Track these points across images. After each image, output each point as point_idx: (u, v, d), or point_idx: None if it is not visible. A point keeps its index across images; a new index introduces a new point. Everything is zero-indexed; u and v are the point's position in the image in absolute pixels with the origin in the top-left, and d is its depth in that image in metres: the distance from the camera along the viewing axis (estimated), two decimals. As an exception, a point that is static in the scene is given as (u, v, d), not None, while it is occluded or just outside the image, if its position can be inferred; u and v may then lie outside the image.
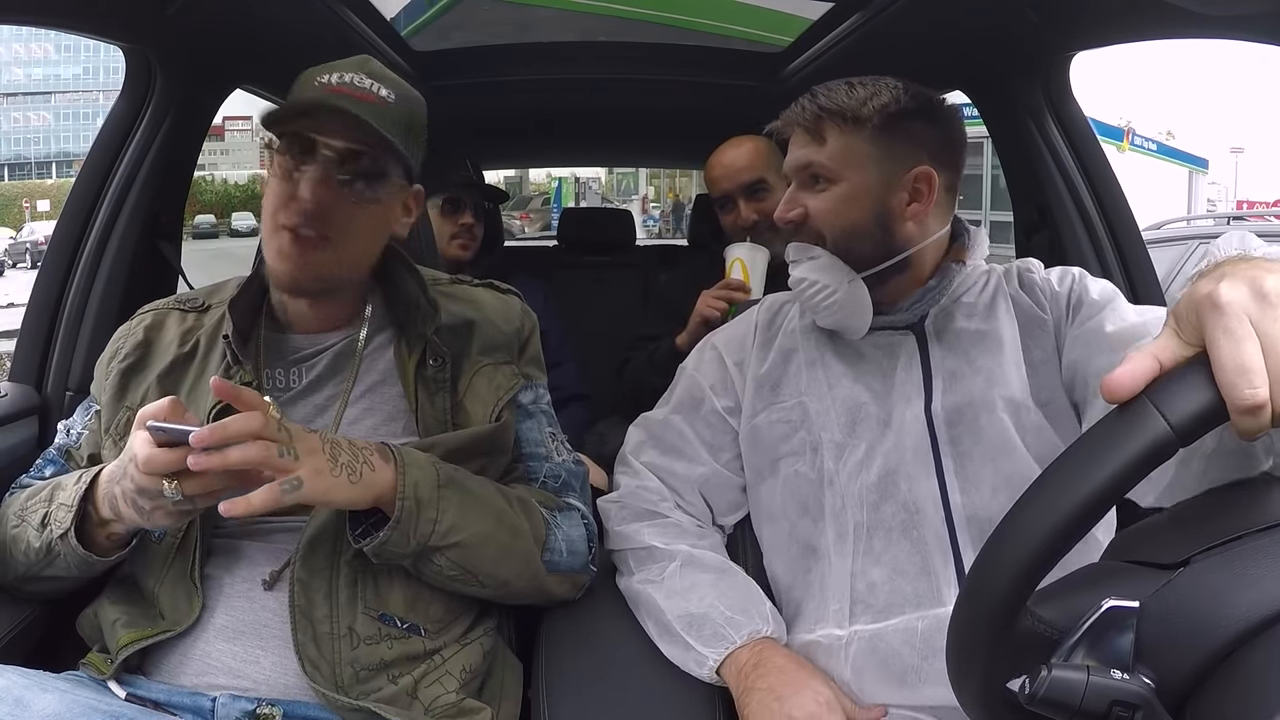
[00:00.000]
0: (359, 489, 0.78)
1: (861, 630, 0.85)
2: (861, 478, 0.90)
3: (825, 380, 0.96)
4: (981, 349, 0.92)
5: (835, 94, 0.92)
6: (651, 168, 20.20)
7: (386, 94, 0.87)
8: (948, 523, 0.87)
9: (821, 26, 1.56)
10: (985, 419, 0.88)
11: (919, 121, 0.92)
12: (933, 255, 0.96)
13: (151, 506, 0.75)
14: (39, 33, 30.83)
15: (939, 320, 0.95)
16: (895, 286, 0.95)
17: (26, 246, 20.45)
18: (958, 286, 0.96)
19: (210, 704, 0.79)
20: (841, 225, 0.92)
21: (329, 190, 0.84)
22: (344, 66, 0.87)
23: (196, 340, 0.94)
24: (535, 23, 1.92)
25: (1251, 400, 0.40)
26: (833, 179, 0.92)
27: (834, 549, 0.90)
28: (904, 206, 0.92)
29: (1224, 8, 0.91)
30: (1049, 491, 0.44)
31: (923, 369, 0.93)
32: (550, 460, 0.99)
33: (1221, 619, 0.41)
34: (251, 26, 1.28)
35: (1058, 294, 0.94)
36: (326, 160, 0.84)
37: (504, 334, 0.99)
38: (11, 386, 1.25)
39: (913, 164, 0.91)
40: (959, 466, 0.88)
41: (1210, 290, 0.43)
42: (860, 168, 0.91)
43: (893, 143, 0.91)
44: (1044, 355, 0.91)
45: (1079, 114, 1.41)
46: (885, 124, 0.90)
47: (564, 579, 0.94)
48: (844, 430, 0.93)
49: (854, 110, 0.91)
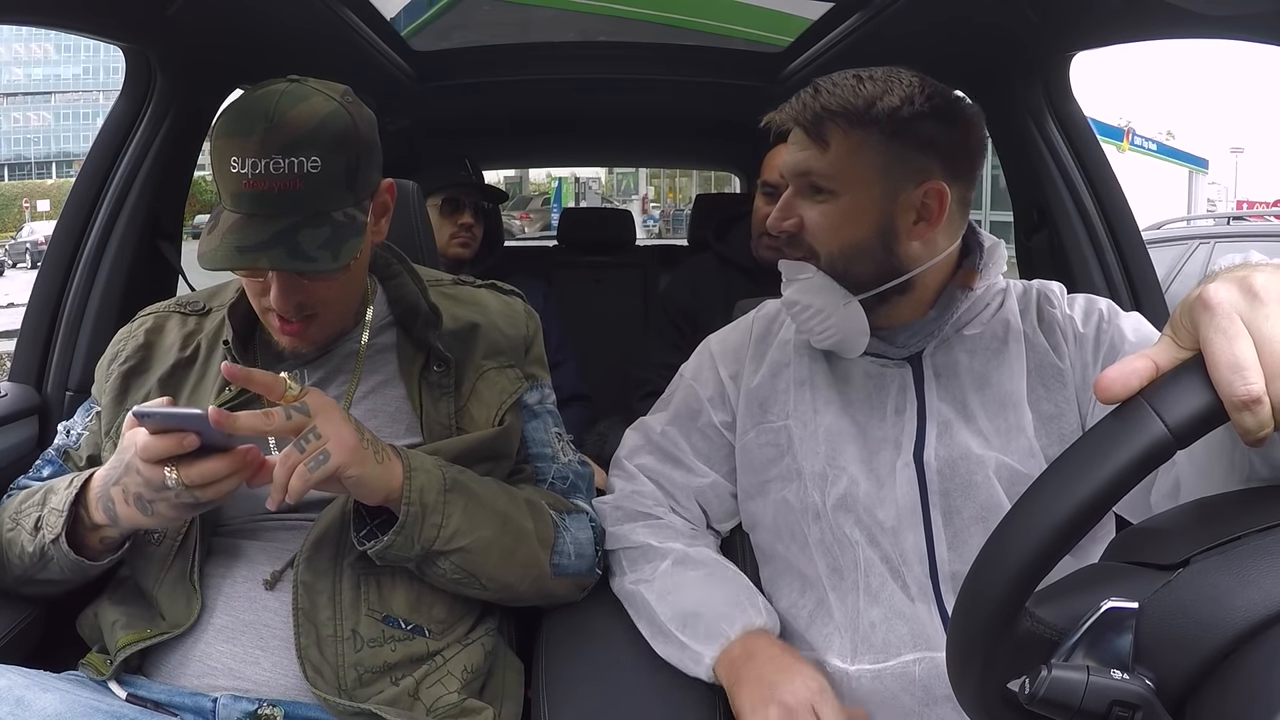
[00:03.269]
0: (381, 470, 0.78)
1: (865, 670, 0.83)
2: (845, 516, 0.86)
3: (811, 404, 0.91)
4: (982, 399, 0.86)
5: (841, 90, 0.82)
6: (651, 168, 20.21)
7: (306, 160, 0.76)
8: (932, 577, 0.83)
9: (821, 26, 1.56)
10: (979, 477, 0.83)
11: (934, 125, 0.81)
12: (938, 275, 0.87)
13: (156, 499, 0.74)
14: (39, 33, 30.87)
15: (939, 354, 0.88)
16: (895, 308, 0.87)
17: (26, 246, 20.44)
18: (962, 315, 0.88)
19: (211, 704, 0.79)
20: (840, 244, 0.84)
21: (298, 290, 0.83)
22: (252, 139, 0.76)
23: (197, 344, 0.94)
24: (535, 23, 1.93)
25: (1246, 394, 0.40)
26: (833, 190, 0.83)
27: (828, 582, 0.87)
28: (910, 226, 0.83)
29: (1224, 8, 0.91)
30: (1047, 493, 0.44)
31: (917, 408, 0.87)
32: (557, 461, 0.99)
33: (1221, 619, 0.41)
34: (252, 26, 1.28)
35: (1083, 336, 0.86)
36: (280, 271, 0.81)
37: (508, 337, 0.99)
38: (11, 386, 1.25)
39: (923, 178, 0.82)
40: (947, 522, 0.84)
41: (1200, 292, 0.43)
42: (864, 181, 0.82)
43: (903, 151, 0.81)
44: (1055, 409, 0.85)
45: (1079, 114, 1.41)
46: (896, 129, 0.80)
47: (569, 581, 0.94)
48: (825, 460, 0.88)
49: (860, 111, 0.81)
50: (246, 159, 0.76)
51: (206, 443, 0.73)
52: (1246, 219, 5.96)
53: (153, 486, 0.73)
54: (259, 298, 0.85)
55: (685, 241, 2.75)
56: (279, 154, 0.76)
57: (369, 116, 0.84)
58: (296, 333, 0.86)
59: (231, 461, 0.73)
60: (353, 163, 0.80)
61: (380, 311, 0.96)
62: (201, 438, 0.72)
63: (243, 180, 0.76)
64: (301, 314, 0.84)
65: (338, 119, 0.79)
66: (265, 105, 0.78)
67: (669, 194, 27.63)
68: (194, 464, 0.72)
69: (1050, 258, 1.45)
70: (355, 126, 0.81)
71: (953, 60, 1.46)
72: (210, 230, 0.79)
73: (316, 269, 0.78)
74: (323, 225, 0.78)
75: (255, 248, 0.76)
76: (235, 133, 0.78)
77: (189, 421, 0.71)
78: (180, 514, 0.77)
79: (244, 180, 0.76)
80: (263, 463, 0.75)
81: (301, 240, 0.77)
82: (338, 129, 0.79)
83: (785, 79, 1.82)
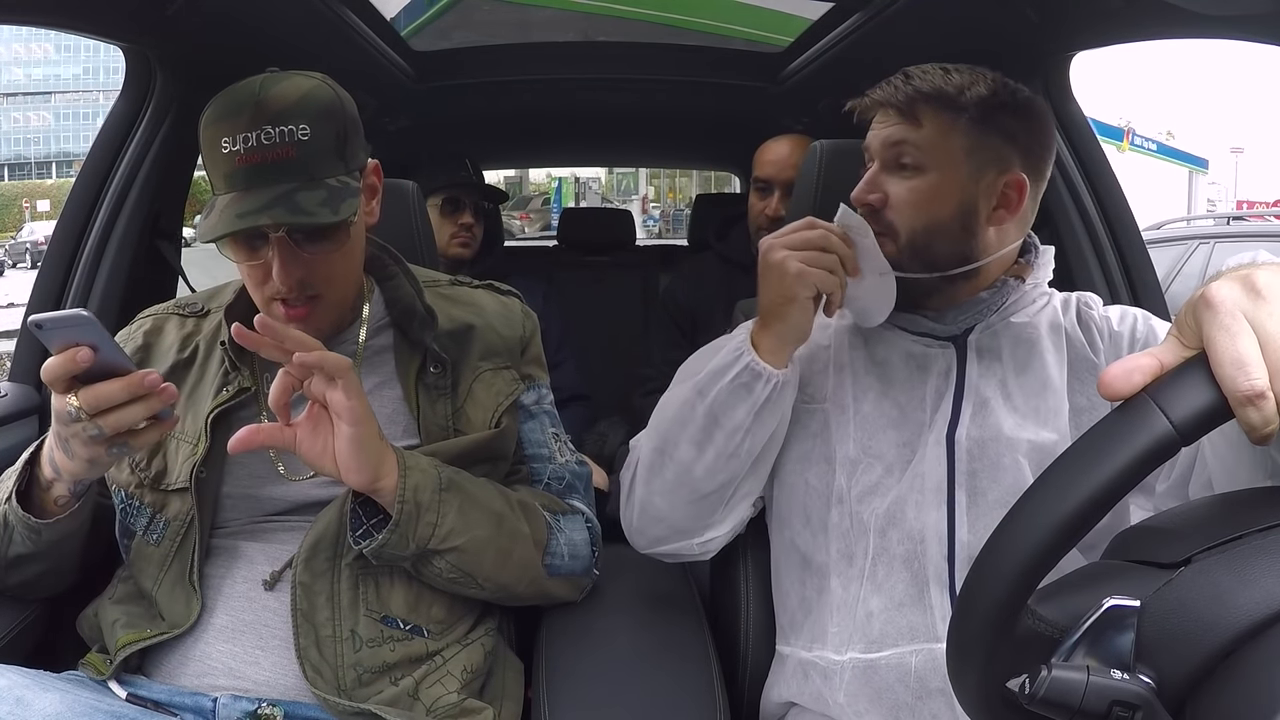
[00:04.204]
0: (380, 446, 0.79)
1: (856, 659, 0.83)
2: (872, 502, 0.86)
3: (851, 391, 0.91)
4: (1021, 381, 0.87)
5: (931, 76, 0.85)
6: (651, 168, 20.20)
7: (296, 129, 0.79)
8: (949, 559, 0.83)
9: (821, 26, 1.56)
10: (1008, 459, 0.84)
11: (1014, 119, 0.85)
12: (999, 267, 0.90)
13: (68, 435, 0.73)
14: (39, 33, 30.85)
15: (984, 337, 0.89)
16: (949, 295, 0.89)
17: (26, 246, 20.44)
18: (1012, 304, 0.90)
19: (211, 704, 0.79)
20: (925, 220, 0.84)
21: (299, 264, 0.82)
22: (240, 117, 0.78)
23: (195, 345, 0.93)
24: (535, 23, 1.93)
25: (1250, 389, 0.40)
26: (922, 166, 0.84)
27: (834, 569, 0.87)
28: (990, 211, 0.85)
29: (1224, 8, 0.91)
30: (1051, 489, 0.44)
31: (956, 388, 0.88)
32: (554, 461, 0.99)
33: (1223, 618, 0.41)
34: (252, 26, 1.28)
35: (1117, 334, 0.89)
36: (281, 241, 0.81)
37: (504, 338, 0.98)
38: (11, 386, 1.25)
39: (1006, 166, 0.85)
40: (971, 502, 0.84)
41: (1204, 290, 0.44)
42: (953, 161, 0.84)
43: (989, 139, 0.84)
44: (1088, 402, 0.86)
45: (1079, 114, 1.41)
46: (983, 116, 0.83)
47: (565, 582, 0.94)
48: (860, 447, 0.88)
49: (953, 96, 0.83)
50: (237, 135, 0.78)
51: (106, 366, 0.70)
52: (1246, 219, 5.96)
53: (61, 418, 0.72)
54: (260, 287, 0.85)
55: (685, 241, 2.75)
56: (269, 124, 0.78)
57: (349, 97, 0.86)
58: (302, 317, 0.85)
59: (128, 385, 0.70)
60: (341, 134, 0.83)
61: (377, 312, 0.96)
62: (98, 354, 0.69)
63: (235, 158, 0.78)
64: (305, 294, 0.84)
65: (321, 92, 0.82)
66: (250, 88, 0.80)
67: (669, 194, 27.62)
68: (92, 387, 0.70)
69: (1050, 257, 1.45)
70: (339, 100, 0.84)
71: (953, 60, 1.45)
72: (207, 215, 0.80)
73: (316, 221, 0.79)
74: (318, 189, 0.80)
75: (254, 211, 0.77)
76: (224, 117, 0.79)
77: (82, 328, 0.68)
78: (94, 453, 0.73)
79: (237, 157, 0.78)
80: (165, 389, 0.72)
81: (300, 200, 0.78)
82: (323, 100, 0.82)
83: (785, 79, 1.82)
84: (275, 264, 0.81)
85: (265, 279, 0.83)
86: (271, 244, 0.81)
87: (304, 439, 0.76)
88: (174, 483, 0.86)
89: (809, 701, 0.87)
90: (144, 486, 0.87)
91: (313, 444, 0.77)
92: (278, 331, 0.72)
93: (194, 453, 0.85)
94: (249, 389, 0.88)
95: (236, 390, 0.87)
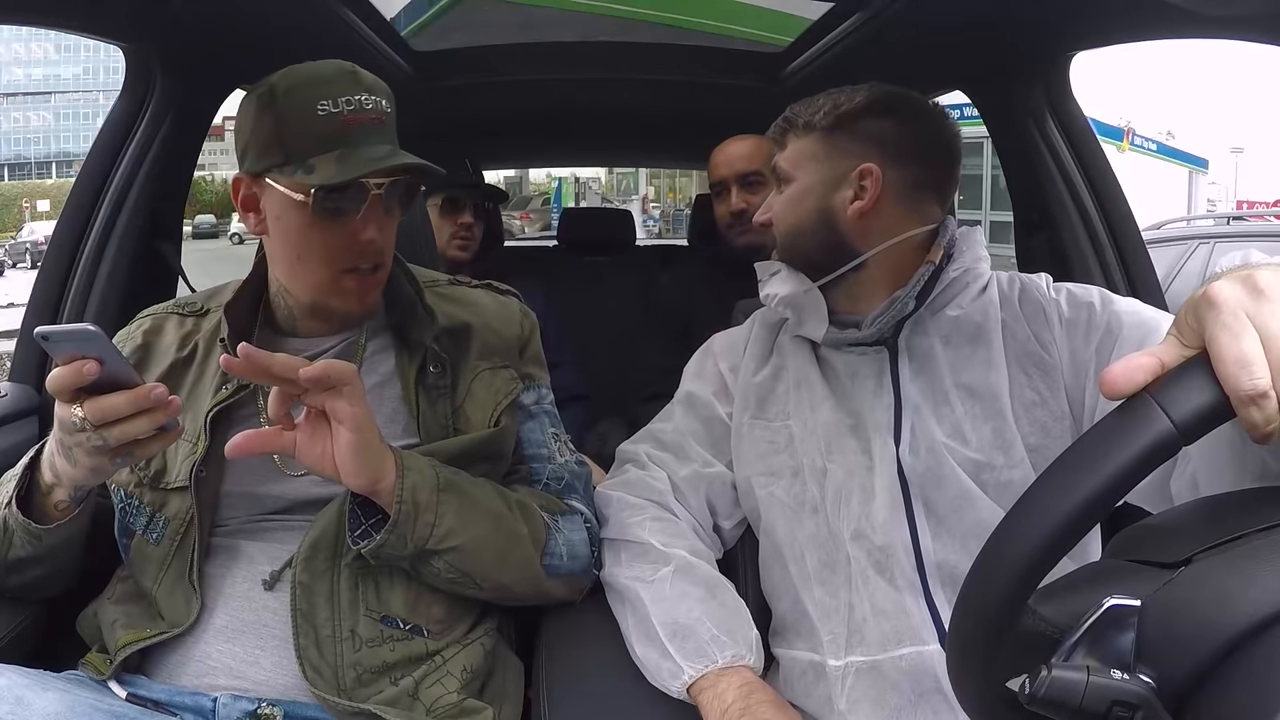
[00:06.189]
0: (380, 449, 0.79)
1: (856, 663, 0.83)
2: (843, 510, 0.88)
3: (809, 402, 0.94)
4: (956, 386, 0.88)
5: (800, 107, 0.96)
6: (651, 168, 20.21)
7: (383, 100, 0.85)
8: (918, 569, 0.84)
9: (821, 26, 1.56)
10: (946, 468, 0.85)
11: (871, 119, 0.92)
12: (900, 260, 0.92)
13: (72, 443, 0.73)
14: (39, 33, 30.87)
15: (913, 336, 0.91)
16: (857, 295, 0.93)
17: (26, 246, 20.45)
18: (938, 296, 0.91)
19: (211, 704, 0.79)
20: (789, 224, 0.95)
21: (390, 224, 0.87)
22: (337, 83, 0.82)
23: (195, 344, 0.93)
24: (535, 23, 1.93)
25: (1252, 389, 0.40)
26: (787, 179, 0.96)
27: (816, 577, 0.88)
28: (847, 204, 0.91)
29: (1224, 8, 0.91)
30: (1051, 489, 0.44)
31: (894, 393, 0.90)
32: (553, 461, 0.99)
33: (1223, 618, 0.41)
34: (252, 26, 1.28)
35: (1070, 321, 0.88)
36: (377, 198, 0.83)
37: (502, 337, 0.98)
38: (11, 386, 1.25)
39: (858, 162, 0.91)
40: (928, 511, 0.85)
41: (1205, 290, 0.44)
42: (806, 168, 0.94)
43: (839, 142, 0.92)
44: (1036, 396, 0.86)
45: (1079, 114, 1.42)
46: (834, 125, 0.93)
47: (564, 582, 0.94)
48: (824, 455, 0.91)
49: (808, 117, 0.94)
50: (339, 98, 0.81)
51: (112, 378, 0.70)
52: (1246, 219, 5.97)
53: (65, 427, 0.72)
54: (336, 258, 0.85)
55: (685, 241, 2.75)
56: (365, 92, 0.83)
57: None
58: (376, 285, 0.89)
59: (134, 398, 0.70)
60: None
61: (378, 312, 0.96)
62: (104, 367, 0.69)
63: (339, 118, 0.81)
64: (380, 261, 0.88)
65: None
66: (336, 63, 0.85)
67: (669, 194, 27.63)
68: (98, 399, 0.70)
69: (1050, 258, 1.45)
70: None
71: (953, 60, 1.46)
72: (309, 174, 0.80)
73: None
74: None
75: (385, 155, 0.81)
76: (317, 83, 0.82)
77: (89, 341, 0.68)
78: (98, 462, 0.73)
79: (340, 118, 0.81)
80: (171, 402, 0.72)
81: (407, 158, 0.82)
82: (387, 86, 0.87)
83: (785, 79, 1.82)
84: (371, 227, 0.84)
85: (347, 244, 0.84)
86: (366, 203, 0.83)
87: (303, 444, 0.76)
88: (173, 481, 0.86)
89: (807, 703, 0.87)
90: (143, 486, 0.87)
91: (311, 448, 0.76)
92: (260, 361, 0.71)
93: (193, 451, 0.85)
94: (248, 387, 0.88)
95: (235, 389, 0.87)
